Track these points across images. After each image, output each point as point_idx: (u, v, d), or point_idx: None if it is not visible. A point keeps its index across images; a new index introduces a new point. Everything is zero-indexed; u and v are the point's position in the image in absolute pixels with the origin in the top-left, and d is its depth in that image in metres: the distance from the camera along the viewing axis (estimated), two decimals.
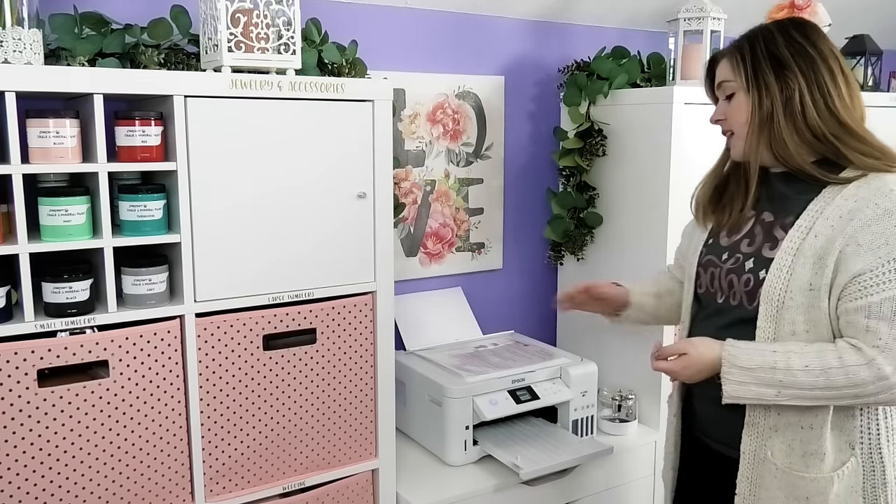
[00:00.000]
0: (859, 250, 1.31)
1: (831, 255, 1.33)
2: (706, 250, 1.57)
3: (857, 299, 1.31)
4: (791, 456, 1.40)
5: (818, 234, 1.36)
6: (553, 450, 1.96)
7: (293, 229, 1.64)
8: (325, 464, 1.76)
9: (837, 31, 2.44)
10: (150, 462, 1.54)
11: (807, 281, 1.35)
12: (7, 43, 1.36)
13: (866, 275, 1.30)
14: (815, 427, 1.37)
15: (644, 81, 2.32)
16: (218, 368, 1.59)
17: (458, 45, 2.32)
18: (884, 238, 1.30)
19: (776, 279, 1.38)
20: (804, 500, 1.39)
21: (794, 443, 1.39)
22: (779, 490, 1.40)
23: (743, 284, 1.44)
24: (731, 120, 1.47)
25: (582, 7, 2.45)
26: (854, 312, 1.31)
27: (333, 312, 1.71)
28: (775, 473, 1.41)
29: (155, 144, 1.50)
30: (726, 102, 1.48)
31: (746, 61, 1.43)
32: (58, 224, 1.43)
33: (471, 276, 2.45)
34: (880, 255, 1.29)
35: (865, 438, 1.39)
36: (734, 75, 1.45)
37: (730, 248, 1.51)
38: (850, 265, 1.31)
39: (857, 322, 1.31)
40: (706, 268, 1.54)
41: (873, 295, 1.29)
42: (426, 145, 2.30)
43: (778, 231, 1.43)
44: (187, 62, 1.65)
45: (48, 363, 1.41)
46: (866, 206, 1.32)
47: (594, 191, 2.37)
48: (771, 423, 1.40)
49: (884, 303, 1.29)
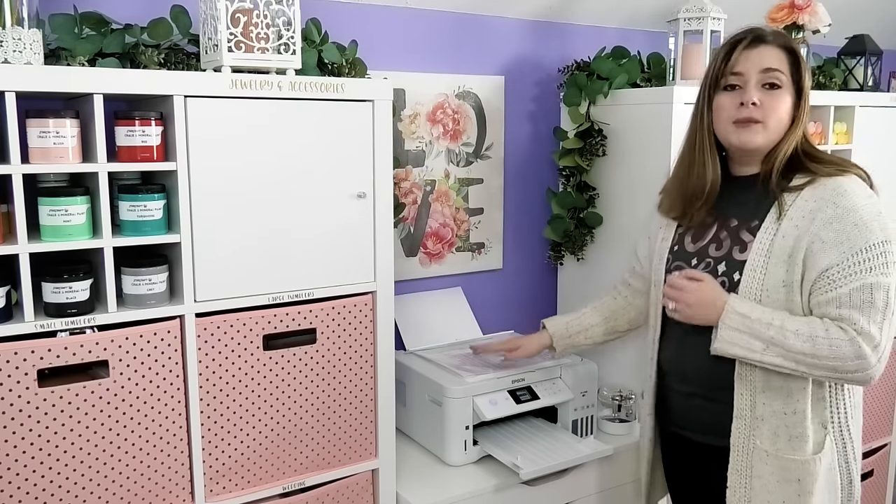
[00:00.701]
0: (824, 247, 1.39)
1: (799, 253, 1.41)
2: (672, 257, 1.62)
3: (827, 292, 1.39)
4: (777, 442, 1.46)
5: (786, 235, 1.43)
6: (553, 450, 1.96)
7: (293, 229, 1.64)
8: (325, 464, 1.76)
9: (837, 31, 2.44)
10: (150, 462, 1.54)
11: (780, 279, 1.43)
12: (7, 43, 1.36)
13: (833, 269, 1.38)
14: (797, 412, 1.45)
15: (644, 81, 2.32)
16: (218, 368, 1.59)
17: (458, 45, 2.32)
18: (845, 234, 1.38)
19: (751, 280, 1.45)
20: (795, 483, 1.46)
21: (780, 429, 1.46)
22: (771, 476, 1.47)
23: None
24: (770, 111, 1.45)
25: (582, 7, 2.45)
26: (826, 305, 1.40)
27: (333, 312, 1.71)
28: (766, 460, 1.47)
29: (155, 144, 1.50)
30: (764, 90, 1.46)
31: (800, 61, 1.47)
32: (58, 224, 1.43)
33: (471, 276, 2.45)
34: (843, 251, 1.38)
35: (835, 417, 1.48)
36: (786, 69, 1.46)
37: (698, 253, 1.56)
38: (817, 261, 1.40)
39: (830, 313, 1.39)
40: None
41: (842, 287, 1.38)
42: (426, 145, 2.30)
43: (745, 234, 1.50)
44: (187, 62, 1.65)
45: (48, 363, 1.41)
46: (826, 206, 1.41)
47: (594, 191, 2.37)
48: (758, 412, 1.47)
49: (852, 293, 1.37)
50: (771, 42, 1.46)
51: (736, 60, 1.47)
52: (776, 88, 1.45)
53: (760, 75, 1.45)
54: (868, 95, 2.48)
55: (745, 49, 1.46)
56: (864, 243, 1.38)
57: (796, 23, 2.23)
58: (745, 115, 1.46)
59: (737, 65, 1.47)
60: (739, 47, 1.47)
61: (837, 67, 2.58)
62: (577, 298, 2.52)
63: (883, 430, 2.66)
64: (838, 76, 2.55)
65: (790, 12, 2.24)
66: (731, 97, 1.48)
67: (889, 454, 2.72)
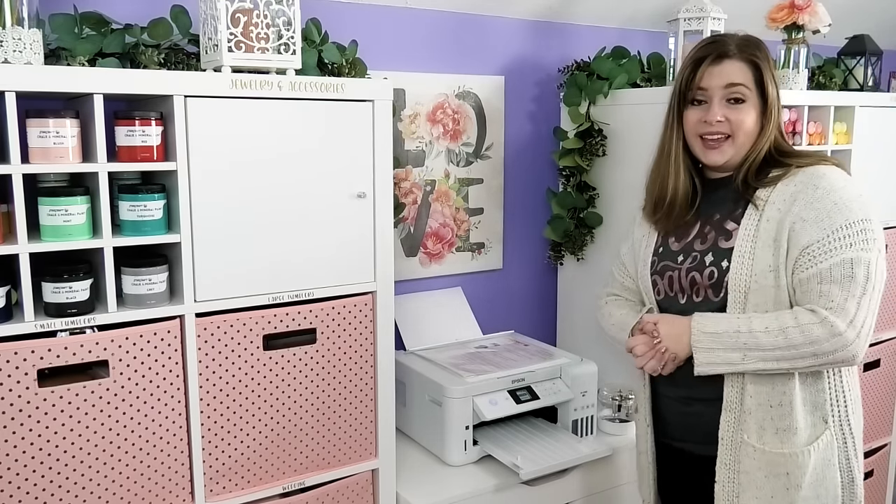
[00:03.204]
0: (805, 225, 1.42)
1: (783, 235, 1.44)
2: (657, 258, 1.63)
3: (808, 268, 1.41)
4: (764, 436, 1.47)
5: (770, 219, 1.46)
6: (553, 450, 1.96)
7: (293, 229, 1.64)
8: (325, 464, 1.76)
9: (837, 31, 2.44)
10: (150, 462, 1.54)
11: (767, 263, 1.45)
12: (7, 43, 1.36)
13: (814, 245, 1.41)
14: (783, 404, 1.46)
15: (644, 81, 2.32)
16: (218, 368, 1.59)
17: (458, 45, 2.32)
18: (825, 212, 1.41)
19: (740, 265, 1.47)
20: (784, 476, 1.46)
21: (766, 422, 1.47)
22: (759, 471, 1.47)
23: (707, 278, 1.51)
24: (736, 124, 1.49)
25: (582, 7, 2.45)
26: (807, 281, 1.41)
27: (333, 312, 1.71)
28: (753, 455, 1.48)
29: (155, 144, 1.50)
30: (729, 105, 1.49)
31: (764, 72, 1.49)
32: (58, 224, 1.43)
33: (471, 276, 2.45)
34: (824, 227, 1.41)
35: (835, 411, 1.49)
36: (750, 83, 1.48)
37: (683, 250, 1.58)
38: (799, 239, 1.42)
39: (811, 289, 1.41)
40: (662, 274, 1.60)
41: (822, 262, 1.40)
42: (426, 145, 2.30)
43: (729, 224, 1.52)
44: (187, 62, 1.65)
45: (48, 363, 1.41)
46: (806, 188, 1.44)
47: (594, 191, 2.37)
48: (745, 406, 1.48)
49: (833, 268, 1.39)
50: (734, 56, 1.49)
51: (701, 77, 1.51)
52: (741, 103, 1.49)
53: (724, 91, 1.49)
54: (868, 95, 2.48)
55: (710, 65, 1.50)
56: (843, 220, 1.40)
57: (796, 23, 2.23)
58: (710, 130, 1.50)
59: (701, 81, 1.51)
60: (704, 64, 1.50)
61: (837, 67, 2.58)
62: (577, 298, 2.52)
63: (883, 430, 2.66)
64: (838, 76, 2.55)
65: (790, 12, 2.23)
66: (698, 112, 1.52)
67: (889, 454, 2.72)
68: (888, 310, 2.56)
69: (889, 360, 2.59)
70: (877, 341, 2.54)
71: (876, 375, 2.55)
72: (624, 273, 1.76)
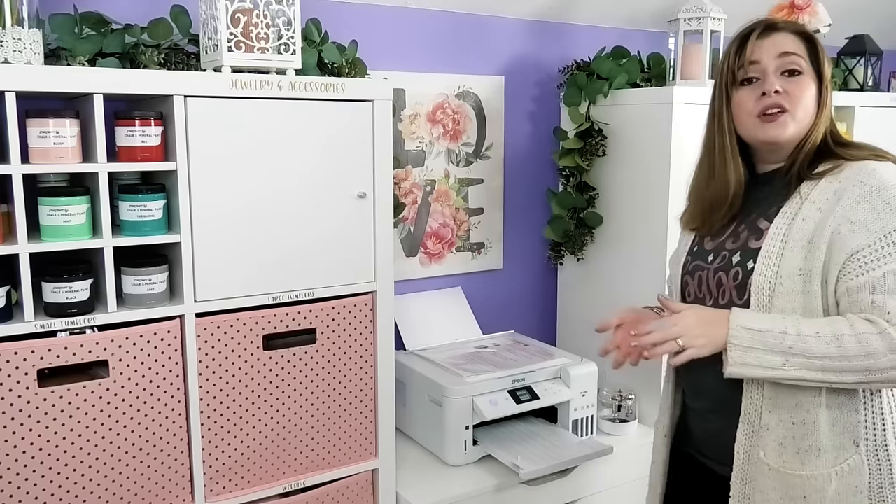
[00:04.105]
0: (853, 228, 1.28)
1: (823, 238, 1.30)
2: (691, 258, 1.51)
3: (858, 276, 1.27)
4: (784, 455, 1.34)
5: (806, 218, 1.33)
6: (553, 450, 1.96)
7: (293, 229, 1.64)
8: (325, 464, 1.76)
9: (837, 31, 2.44)
10: (150, 462, 1.54)
11: (797, 266, 1.31)
12: (7, 43, 1.36)
13: (864, 251, 1.27)
14: (806, 423, 1.32)
15: (644, 81, 2.32)
16: (218, 368, 1.59)
17: (458, 45, 2.32)
18: (876, 213, 1.27)
19: (766, 266, 1.34)
20: (801, 500, 1.33)
21: (787, 440, 1.34)
22: (773, 491, 1.35)
23: (732, 279, 1.39)
24: (795, 98, 1.36)
25: (582, 7, 2.45)
26: (857, 290, 1.27)
27: (333, 312, 1.71)
28: (768, 474, 1.35)
29: (155, 144, 1.50)
30: (785, 78, 1.37)
31: (817, 47, 1.38)
32: (58, 224, 1.43)
33: (471, 276, 2.45)
34: (875, 230, 1.27)
35: (871, 434, 1.33)
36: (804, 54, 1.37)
37: (715, 249, 1.47)
38: (846, 243, 1.28)
39: (863, 299, 1.27)
40: (693, 274, 1.48)
41: (875, 270, 1.26)
42: (426, 145, 2.30)
43: (762, 222, 1.40)
44: (187, 62, 1.65)
45: (48, 363, 1.41)
46: (853, 185, 1.30)
47: (594, 191, 2.37)
48: (763, 421, 1.35)
49: (887, 276, 1.25)
50: (783, 29, 1.39)
51: (751, 51, 1.37)
52: (797, 74, 1.36)
53: (778, 61, 1.36)
54: (868, 95, 2.48)
55: (758, 38, 1.38)
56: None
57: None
58: (768, 103, 1.35)
59: (752, 54, 1.37)
60: (752, 37, 1.38)
61: (837, 67, 2.58)
62: (577, 298, 2.52)
63: None
64: (838, 76, 2.55)
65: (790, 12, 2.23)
66: (751, 91, 1.38)
67: None
68: None
69: None
70: None
71: None
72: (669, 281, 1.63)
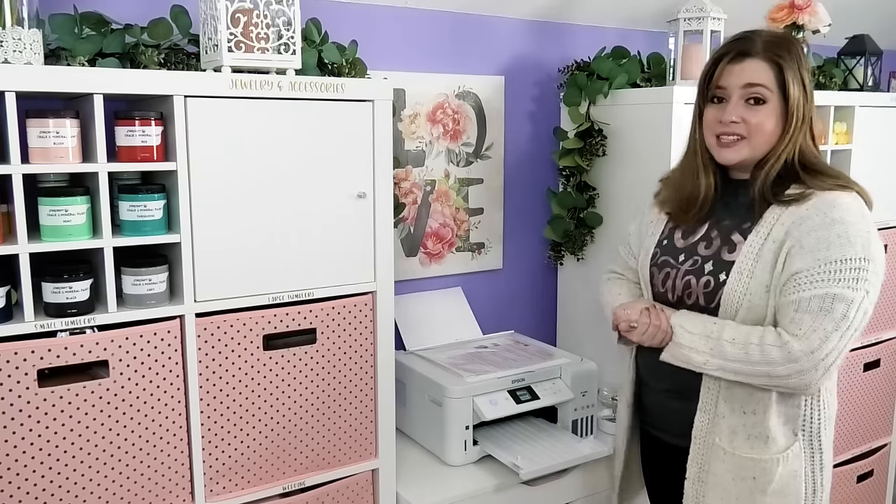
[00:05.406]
0: (801, 251, 1.39)
1: (782, 256, 1.42)
2: (660, 251, 1.61)
3: (790, 294, 1.39)
4: (735, 440, 1.48)
5: (776, 240, 1.43)
6: (553, 450, 1.96)
7: (293, 229, 1.64)
8: (325, 464, 1.76)
9: (837, 31, 2.44)
10: (150, 462, 1.54)
11: (765, 283, 1.43)
12: (7, 43, 1.36)
13: (803, 273, 1.38)
14: (757, 413, 1.46)
15: (644, 81, 2.32)
16: (218, 368, 1.59)
17: (458, 45, 2.32)
18: (825, 243, 1.37)
19: (737, 282, 1.45)
20: (750, 480, 1.47)
21: (738, 427, 1.48)
22: (726, 473, 1.49)
23: (702, 286, 1.51)
24: (754, 128, 1.44)
25: (582, 7, 2.45)
26: (786, 306, 1.40)
27: (333, 312, 1.71)
28: (723, 457, 1.49)
29: (155, 144, 1.50)
30: (748, 106, 1.44)
31: (786, 72, 1.42)
32: (58, 224, 1.43)
33: (471, 276, 2.45)
34: (818, 257, 1.37)
35: (807, 426, 1.49)
36: (771, 83, 1.43)
37: (686, 249, 1.56)
38: (791, 264, 1.40)
39: (787, 315, 1.39)
40: (661, 268, 1.59)
41: (805, 291, 1.37)
42: (426, 145, 2.30)
43: (735, 236, 1.50)
44: (187, 62, 1.65)
45: (48, 363, 1.41)
46: (815, 215, 1.40)
47: (594, 191, 2.37)
48: (720, 409, 1.49)
49: (812, 299, 1.37)
50: (757, 55, 1.43)
51: (719, 75, 1.46)
52: (761, 104, 1.43)
53: (743, 90, 1.44)
54: (868, 95, 2.48)
55: (729, 63, 1.45)
56: (840, 255, 1.36)
57: (796, 23, 2.23)
58: (725, 130, 1.46)
59: (720, 79, 1.46)
60: (723, 61, 1.46)
61: (837, 67, 2.58)
62: (577, 298, 2.52)
63: (883, 430, 2.66)
64: (838, 76, 2.55)
65: (790, 12, 2.24)
66: (717, 111, 1.48)
67: (889, 454, 2.72)
68: (888, 310, 2.56)
69: (889, 360, 2.59)
70: (877, 341, 2.54)
71: (876, 375, 2.55)
72: (628, 253, 1.73)
